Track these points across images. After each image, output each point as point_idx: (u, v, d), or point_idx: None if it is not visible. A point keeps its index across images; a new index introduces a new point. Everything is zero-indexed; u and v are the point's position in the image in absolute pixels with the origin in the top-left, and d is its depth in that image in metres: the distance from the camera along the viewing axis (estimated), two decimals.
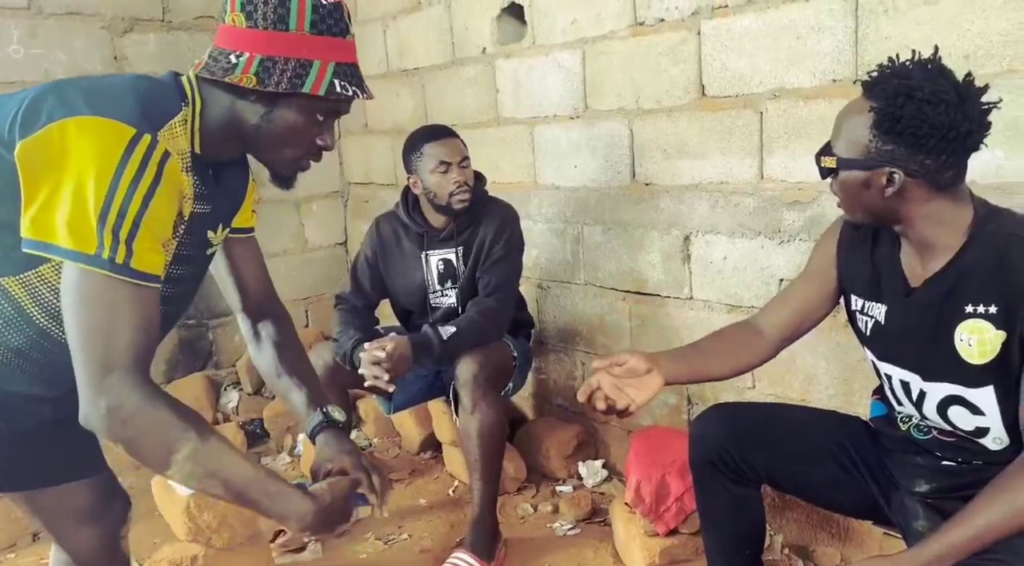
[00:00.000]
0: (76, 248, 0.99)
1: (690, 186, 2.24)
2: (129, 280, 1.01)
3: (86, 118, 1.01)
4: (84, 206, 0.98)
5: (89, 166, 0.99)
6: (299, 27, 1.11)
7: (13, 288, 1.06)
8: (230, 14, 1.13)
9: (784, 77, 1.95)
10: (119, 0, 3.00)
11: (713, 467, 1.53)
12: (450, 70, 2.99)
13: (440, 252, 2.37)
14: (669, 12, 2.19)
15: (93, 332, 1.01)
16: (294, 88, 1.12)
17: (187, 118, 1.13)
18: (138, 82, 1.12)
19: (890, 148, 1.18)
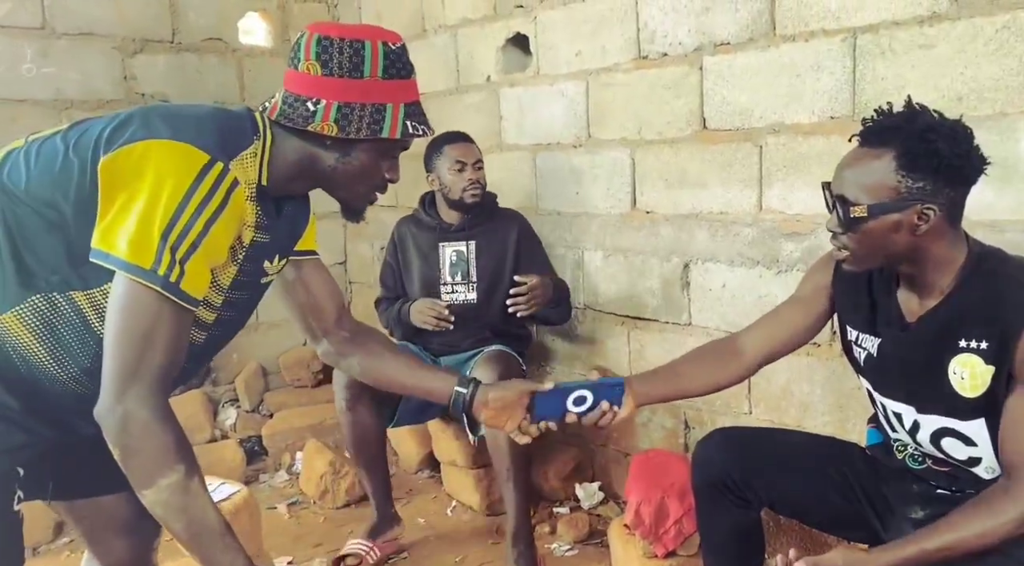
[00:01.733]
0: (133, 261, 1.03)
1: (690, 215, 2.30)
2: (175, 300, 1.06)
3: (166, 141, 1.06)
4: (150, 222, 1.03)
5: (163, 185, 1.04)
6: (373, 74, 1.17)
7: (81, 302, 1.10)
8: (304, 62, 1.17)
9: (783, 113, 2.02)
10: (130, 21, 3.05)
11: (716, 490, 1.57)
12: (455, 96, 3.06)
13: (453, 244, 2.54)
14: (672, 47, 2.26)
15: (129, 341, 1.05)
16: (373, 134, 1.18)
17: (257, 152, 1.18)
18: (216, 113, 1.18)
19: (921, 184, 1.22)
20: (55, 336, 1.11)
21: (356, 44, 1.16)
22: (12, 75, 2.82)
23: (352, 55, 1.16)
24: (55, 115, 2.92)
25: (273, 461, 3.10)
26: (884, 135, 1.24)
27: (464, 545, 2.43)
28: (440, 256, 2.54)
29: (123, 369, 1.04)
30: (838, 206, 1.29)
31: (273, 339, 3.53)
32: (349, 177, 1.24)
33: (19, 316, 1.09)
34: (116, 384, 1.05)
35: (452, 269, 2.53)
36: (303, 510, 2.73)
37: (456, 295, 2.52)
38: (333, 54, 1.16)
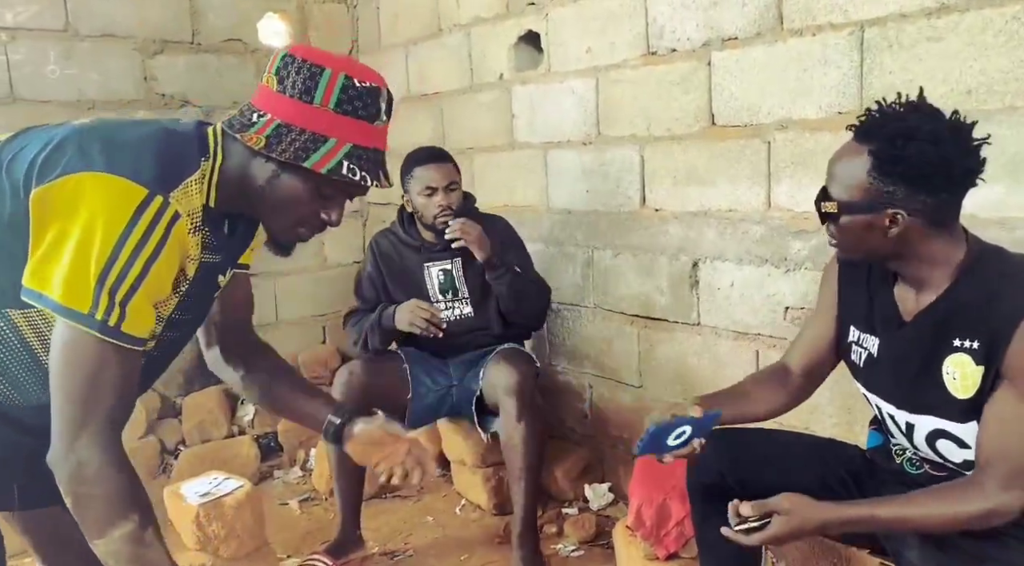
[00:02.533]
0: (70, 305, 1.00)
1: (699, 213, 2.27)
2: (117, 343, 1.03)
3: (100, 175, 1.02)
4: (85, 264, 1.00)
5: (96, 224, 1.00)
6: (324, 102, 1.12)
7: (18, 321, 1.08)
8: (266, 75, 1.15)
9: (791, 108, 1.98)
10: (151, 22, 3.11)
11: (710, 491, 1.55)
12: (467, 95, 3.06)
13: (439, 263, 2.46)
14: (680, 43, 2.23)
15: (75, 387, 1.03)
16: (297, 160, 1.12)
17: (205, 173, 1.14)
18: (160, 136, 1.13)
19: (891, 189, 1.19)
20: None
21: (315, 68, 1.12)
22: (37, 76, 2.89)
23: (307, 78, 1.12)
24: (78, 116, 2.96)
25: (288, 457, 3.13)
26: (867, 133, 1.22)
27: (471, 544, 2.43)
28: (426, 276, 2.47)
29: (71, 416, 1.03)
30: (819, 199, 1.30)
31: (292, 337, 3.57)
32: (275, 203, 1.17)
33: None
34: (66, 432, 1.03)
35: (442, 287, 2.47)
36: (314, 506, 2.75)
37: (453, 311, 2.47)
38: (291, 72, 1.13)
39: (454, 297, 2.47)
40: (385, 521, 2.59)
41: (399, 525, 2.57)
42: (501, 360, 2.33)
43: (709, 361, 2.30)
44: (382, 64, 3.53)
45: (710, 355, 2.29)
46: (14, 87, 2.85)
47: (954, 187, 1.20)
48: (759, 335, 2.15)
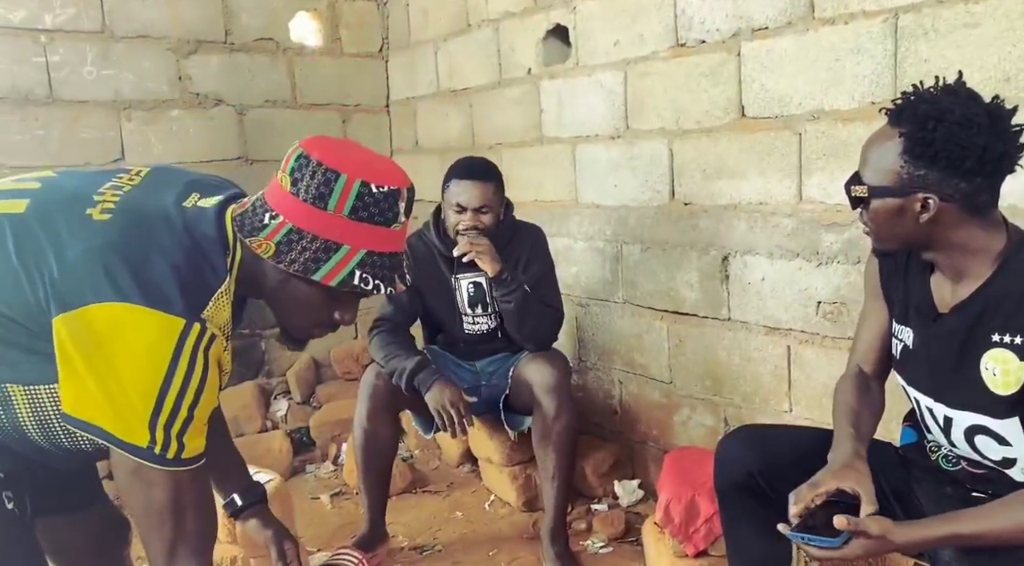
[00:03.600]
0: (127, 439, 1.00)
1: (729, 206, 2.24)
2: (185, 470, 1.04)
3: (136, 308, 0.99)
4: (135, 401, 0.99)
5: (141, 360, 0.99)
6: (337, 210, 1.08)
7: (16, 395, 1.07)
8: (281, 172, 1.11)
9: (823, 99, 1.94)
10: (184, 23, 3.16)
11: (738, 490, 1.52)
12: (496, 90, 3.05)
13: (470, 276, 2.38)
14: (710, 34, 2.20)
15: (157, 518, 1.05)
16: (306, 273, 1.08)
17: (229, 285, 1.10)
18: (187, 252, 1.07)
19: (923, 173, 1.16)
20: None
21: (330, 173, 1.08)
22: (75, 77, 2.95)
23: (322, 183, 1.08)
24: (114, 115, 3.04)
25: (320, 452, 3.16)
26: (899, 116, 1.19)
27: (499, 539, 2.43)
28: (457, 289, 2.40)
29: (166, 548, 1.06)
30: (850, 184, 1.27)
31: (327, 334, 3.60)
32: (287, 305, 1.16)
33: None
34: (163, 561, 1.06)
35: (471, 300, 2.42)
36: (345, 501, 2.78)
37: (478, 326, 2.44)
38: (305, 175, 1.08)
39: (483, 311, 2.43)
40: (414, 515, 2.60)
41: (428, 520, 2.58)
42: (536, 358, 2.31)
43: (740, 357, 2.27)
44: (411, 61, 3.55)
45: (740, 350, 2.26)
46: (53, 88, 2.92)
47: (988, 172, 1.16)
48: (791, 330, 2.11)
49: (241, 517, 1.47)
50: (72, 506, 1.37)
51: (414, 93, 3.58)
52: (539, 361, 2.29)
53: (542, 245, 2.42)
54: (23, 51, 2.85)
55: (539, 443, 2.24)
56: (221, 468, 1.47)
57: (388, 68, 3.74)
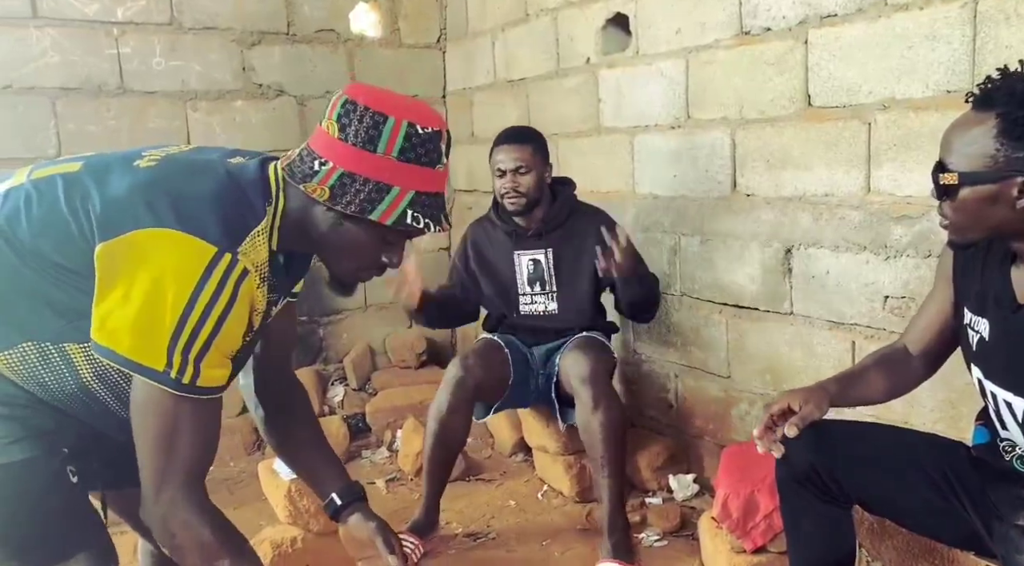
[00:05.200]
0: (143, 362, 1.02)
1: (793, 198, 2.19)
2: (194, 397, 1.05)
3: (170, 232, 1.02)
4: (157, 323, 1.01)
5: (166, 282, 1.01)
6: (387, 152, 1.11)
7: (75, 354, 1.10)
8: (327, 120, 1.13)
9: (894, 88, 1.88)
10: (249, 15, 3.22)
11: (800, 485, 1.50)
12: (553, 80, 3.04)
13: (530, 252, 2.43)
14: (776, 21, 2.15)
15: (155, 443, 1.06)
16: (363, 213, 1.11)
17: (268, 223, 1.13)
18: (227, 188, 1.12)
19: (1022, 155, 1.11)
20: (39, 383, 1.11)
21: (378, 117, 1.11)
22: (144, 69, 3.04)
23: (371, 127, 1.10)
24: (181, 106, 3.12)
25: (376, 438, 3.21)
26: (989, 99, 1.14)
27: (553, 530, 2.43)
28: (516, 265, 2.44)
29: (155, 472, 1.07)
30: (935, 173, 1.21)
31: (381, 321, 3.66)
32: (338, 249, 1.18)
33: (7, 360, 1.10)
34: (152, 487, 1.07)
35: (530, 278, 2.45)
36: (400, 486, 2.81)
37: (535, 306, 2.46)
38: (353, 120, 1.11)
39: (541, 289, 2.45)
40: (468, 503, 2.62)
41: (482, 508, 2.60)
42: (575, 349, 2.32)
43: (802, 352, 2.22)
44: (469, 51, 3.56)
45: (803, 346, 2.22)
46: (124, 79, 3.01)
47: None
48: (856, 326, 2.06)
49: (341, 516, 1.44)
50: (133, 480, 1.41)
51: (471, 83, 3.59)
52: (577, 352, 2.29)
53: (612, 225, 2.39)
54: (96, 43, 2.94)
55: (583, 434, 2.24)
56: (316, 468, 1.47)
57: (445, 58, 3.76)
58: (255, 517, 2.40)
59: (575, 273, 2.42)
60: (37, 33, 2.84)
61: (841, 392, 1.46)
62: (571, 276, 2.43)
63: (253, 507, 2.49)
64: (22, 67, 2.83)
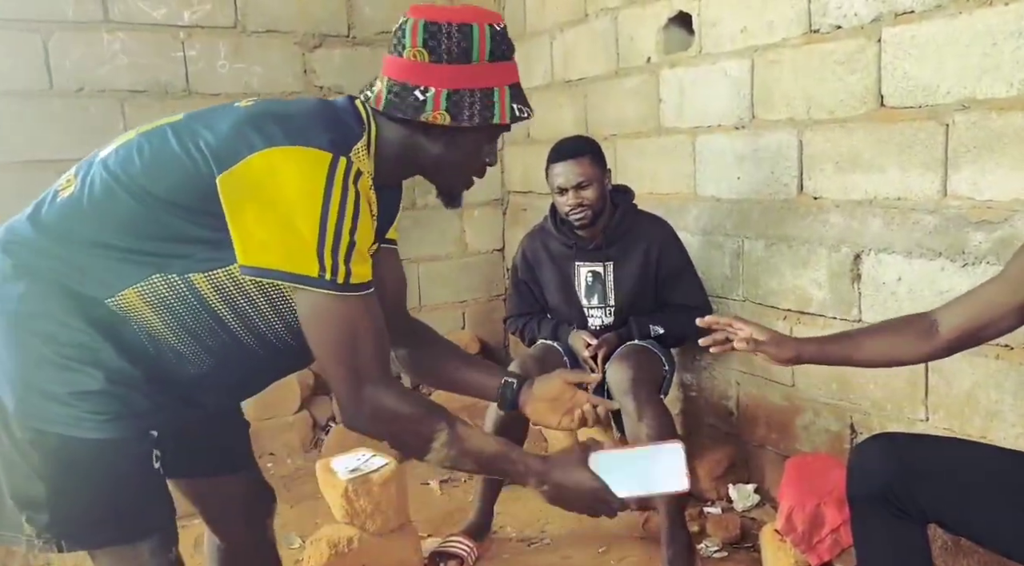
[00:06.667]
0: (300, 272, 1.06)
1: (863, 201, 2.12)
2: (355, 295, 1.09)
3: (286, 148, 1.07)
4: (298, 232, 1.05)
5: (296, 193, 1.05)
6: (481, 58, 1.15)
7: (199, 283, 1.13)
8: (410, 49, 1.14)
9: (975, 87, 1.80)
10: (310, 18, 3.26)
11: (874, 502, 1.43)
12: (612, 81, 3.00)
13: (589, 264, 2.40)
14: (847, 19, 2.08)
15: (339, 348, 1.11)
16: (484, 121, 1.16)
17: (366, 144, 1.18)
18: (324, 109, 1.18)
19: None
20: (173, 315, 1.14)
21: (465, 28, 1.14)
22: (209, 71, 3.10)
23: (461, 40, 1.13)
24: None
25: None
26: None
27: (608, 537, 2.39)
28: (576, 277, 2.41)
29: (348, 374, 1.11)
30: None
31: (435, 320, 3.60)
32: (453, 165, 1.23)
33: (140, 293, 1.12)
34: (350, 390, 1.12)
35: (588, 291, 2.42)
36: (454, 487, 2.81)
37: (593, 319, 2.43)
38: (442, 40, 1.13)
39: (600, 302, 2.42)
40: (523, 507, 2.60)
41: (536, 512, 2.57)
42: (620, 358, 2.29)
43: None
44: (526, 51, 3.53)
45: None
46: (190, 81, 3.07)
47: None
48: None
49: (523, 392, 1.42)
50: (221, 469, 1.43)
51: (528, 83, 3.53)
52: (622, 362, 2.26)
53: (672, 240, 2.40)
54: (163, 46, 3.01)
55: (629, 440, 2.20)
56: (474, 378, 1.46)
57: None
58: (311, 515, 2.43)
59: (635, 291, 2.39)
60: (108, 37, 2.91)
61: (820, 348, 1.46)
62: (630, 293, 2.40)
63: (309, 505, 2.52)
64: (95, 70, 2.91)
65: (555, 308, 2.52)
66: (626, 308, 2.42)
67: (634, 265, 2.38)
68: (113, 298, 1.11)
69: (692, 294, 2.40)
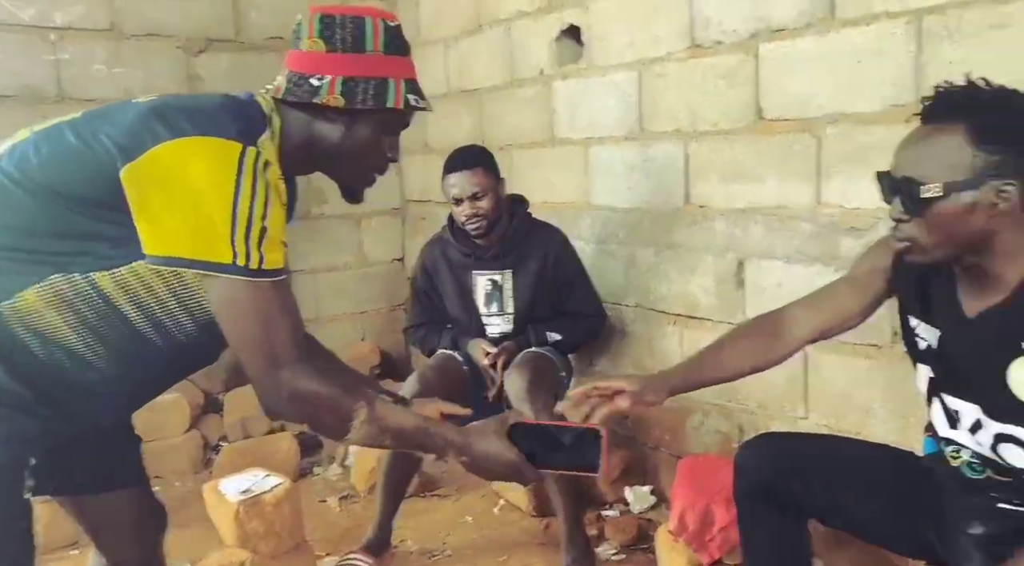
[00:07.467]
0: (212, 260, 1.05)
1: (746, 210, 2.21)
2: (268, 280, 1.09)
3: (195, 138, 1.07)
4: (209, 219, 1.04)
5: (206, 181, 1.05)
6: (375, 48, 1.20)
7: (102, 281, 1.11)
8: (307, 40, 1.20)
9: (844, 102, 1.91)
10: (194, 22, 3.14)
11: (757, 499, 1.49)
12: (508, 90, 3.03)
13: (488, 273, 2.41)
14: (727, 35, 2.17)
15: (254, 333, 1.10)
16: (378, 104, 1.20)
17: (271, 136, 1.19)
18: (228, 102, 1.19)
19: (998, 158, 1.11)
20: (77, 314, 1.11)
21: (358, 20, 1.20)
22: (84, 75, 2.94)
23: (355, 30, 1.19)
24: None
25: (327, 454, 3.14)
26: (952, 109, 1.14)
27: (510, 545, 2.40)
28: (474, 285, 2.42)
29: (263, 361, 1.10)
30: (903, 189, 1.18)
31: (332, 334, 3.58)
32: (353, 154, 1.25)
33: (40, 295, 1.09)
34: (267, 376, 1.10)
35: (487, 299, 2.43)
36: (353, 504, 2.75)
37: (492, 328, 2.44)
38: (336, 30, 1.19)
39: (499, 310, 2.43)
40: (423, 520, 2.58)
41: (438, 524, 2.55)
42: (516, 366, 2.30)
43: None
44: (421, 60, 3.51)
45: None
46: (63, 86, 2.90)
47: None
48: None
49: None
50: (110, 485, 1.39)
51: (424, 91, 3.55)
52: (517, 369, 2.28)
53: (567, 248, 2.44)
54: (33, 49, 2.84)
55: None
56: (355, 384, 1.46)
57: None
58: (201, 540, 2.31)
59: (531, 299, 2.41)
60: None
61: (686, 377, 1.46)
62: (527, 301, 2.42)
63: (200, 529, 2.40)
64: None
65: (454, 317, 2.52)
66: (524, 316, 2.44)
67: (531, 273, 2.40)
68: (10, 301, 1.08)
69: (586, 302, 2.44)
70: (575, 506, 2.22)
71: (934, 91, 1.19)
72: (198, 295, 1.13)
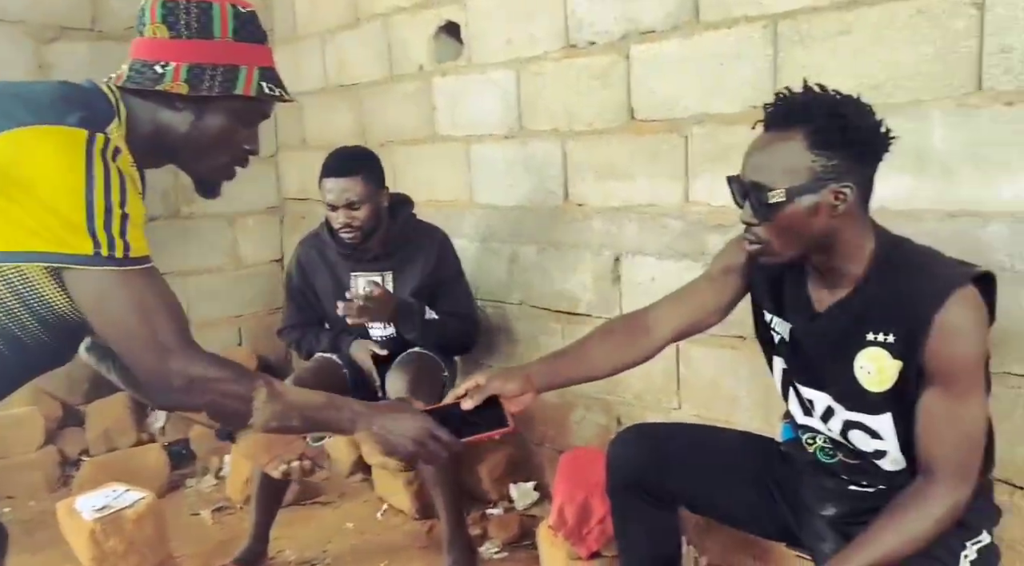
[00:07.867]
0: (72, 252, 0.98)
1: (621, 208, 2.25)
2: (137, 268, 1.03)
3: (36, 128, 1.00)
4: (63, 211, 0.97)
5: (55, 172, 0.98)
6: (223, 35, 1.15)
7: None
8: (150, 26, 1.14)
9: (708, 103, 1.98)
10: (45, 7, 2.92)
11: (628, 490, 1.52)
12: (387, 86, 2.98)
13: (367, 274, 2.32)
14: (599, 35, 2.21)
15: (134, 327, 1.03)
16: (226, 91, 1.14)
17: (118, 125, 1.12)
18: (68, 89, 1.11)
19: (835, 162, 1.16)
20: None
21: (203, 5, 1.13)
22: None
23: (200, 15, 1.13)
24: None
25: (200, 466, 2.99)
26: (791, 116, 1.20)
27: (392, 549, 2.36)
28: (353, 286, 2.31)
29: (149, 353, 1.04)
30: (751, 195, 1.23)
31: (206, 338, 3.36)
32: (204, 145, 1.19)
33: None
34: (155, 368, 1.04)
35: None
36: (228, 515, 2.63)
37: (374, 330, 2.36)
38: (180, 15, 1.13)
39: None
40: (302, 528, 2.50)
41: (318, 532, 2.48)
42: (397, 366, 2.27)
43: None
44: (296, 54, 3.42)
45: None
46: None
47: (878, 157, 1.20)
48: None
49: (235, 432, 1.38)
50: None
51: (300, 87, 3.44)
52: (399, 368, 2.24)
53: (447, 249, 2.37)
54: None
55: None
56: None
57: None
58: (58, 563, 2.16)
59: (416, 294, 2.33)
60: None
61: (547, 371, 1.44)
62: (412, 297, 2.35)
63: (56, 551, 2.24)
64: None
65: (333, 318, 2.43)
66: None
67: (414, 275, 2.34)
68: None
69: (461, 303, 2.38)
70: (457, 506, 2.20)
71: (775, 98, 1.25)
72: (45, 293, 1.05)
